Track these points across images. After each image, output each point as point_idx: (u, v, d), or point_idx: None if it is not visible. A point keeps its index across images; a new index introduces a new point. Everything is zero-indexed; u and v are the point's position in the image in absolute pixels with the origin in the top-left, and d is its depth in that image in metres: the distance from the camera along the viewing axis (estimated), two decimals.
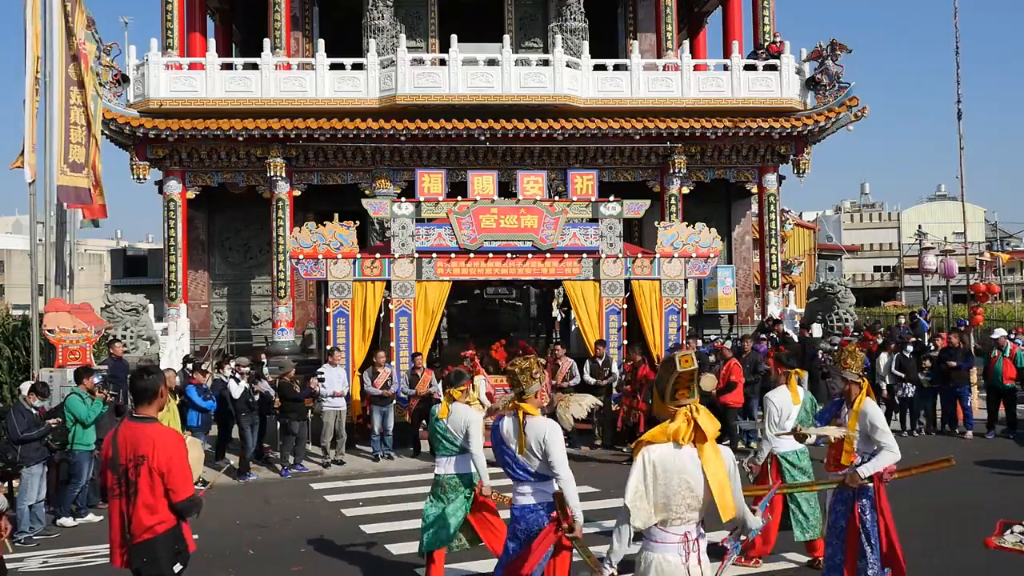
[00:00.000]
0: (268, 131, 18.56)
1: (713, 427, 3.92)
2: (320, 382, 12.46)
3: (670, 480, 3.84)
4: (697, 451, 3.87)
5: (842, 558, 5.89)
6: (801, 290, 30.80)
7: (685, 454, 3.87)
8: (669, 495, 3.84)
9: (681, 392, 3.92)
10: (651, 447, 3.91)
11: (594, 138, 19.43)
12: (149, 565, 4.47)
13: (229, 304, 21.55)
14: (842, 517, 5.90)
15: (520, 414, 5.04)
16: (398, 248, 13.82)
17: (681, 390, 3.92)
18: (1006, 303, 41.07)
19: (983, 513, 8.55)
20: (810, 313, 18.73)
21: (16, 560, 8.28)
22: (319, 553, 8.21)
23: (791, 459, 7.26)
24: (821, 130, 20.17)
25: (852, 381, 5.96)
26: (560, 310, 18.34)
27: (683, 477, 3.84)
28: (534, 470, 5.00)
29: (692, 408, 3.92)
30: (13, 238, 52.75)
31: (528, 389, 5.08)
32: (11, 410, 9.64)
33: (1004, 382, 14.02)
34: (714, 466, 3.85)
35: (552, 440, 4.90)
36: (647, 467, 3.88)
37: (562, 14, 20.66)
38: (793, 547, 7.53)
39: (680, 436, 3.88)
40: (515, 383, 5.12)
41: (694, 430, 3.89)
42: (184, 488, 4.48)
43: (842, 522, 5.90)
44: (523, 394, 5.09)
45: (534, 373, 5.07)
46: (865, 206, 72.96)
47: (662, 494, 3.85)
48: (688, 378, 3.90)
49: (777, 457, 7.25)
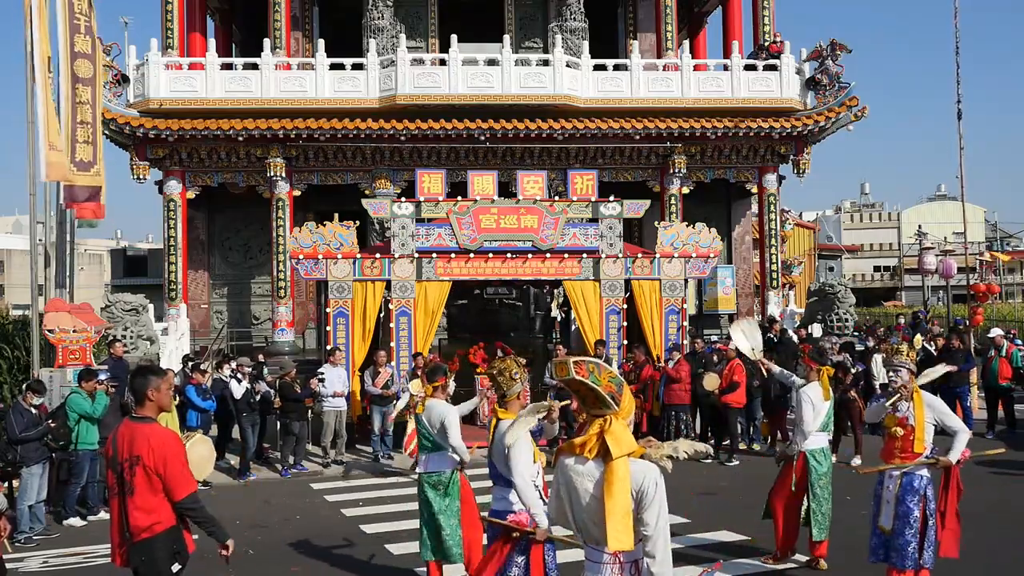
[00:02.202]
0: (268, 131, 18.55)
1: (624, 446, 3.47)
2: (320, 382, 12.46)
3: (578, 496, 3.52)
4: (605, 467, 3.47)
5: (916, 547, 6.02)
6: (801, 290, 30.82)
7: (591, 468, 3.50)
8: (583, 513, 3.52)
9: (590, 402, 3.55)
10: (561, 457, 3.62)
11: (594, 138, 19.42)
12: (147, 565, 4.47)
13: (229, 304, 21.54)
14: (916, 507, 6.06)
15: (495, 418, 5.06)
16: (398, 248, 13.82)
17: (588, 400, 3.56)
18: (1006, 303, 41.06)
19: (983, 513, 8.56)
20: (810, 313, 18.73)
21: (16, 560, 8.28)
22: (319, 553, 8.22)
23: (818, 456, 7.34)
24: (821, 130, 20.16)
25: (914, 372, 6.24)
26: (560, 310, 18.35)
27: (592, 492, 3.48)
28: (502, 473, 5.01)
29: (607, 420, 3.52)
30: (13, 238, 52.71)
31: (509, 391, 5.08)
32: (10, 410, 9.63)
33: (1000, 382, 14.05)
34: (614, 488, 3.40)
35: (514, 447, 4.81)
36: (558, 479, 3.64)
37: (562, 14, 20.65)
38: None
39: (585, 448, 3.52)
40: (495, 385, 5.13)
41: (600, 444, 3.49)
42: (181, 487, 4.45)
43: (916, 512, 6.05)
44: (504, 396, 5.08)
45: (513, 374, 5.06)
46: (865, 206, 72.95)
47: (576, 510, 3.55)
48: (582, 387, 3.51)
49: (804, 453, 7.31)
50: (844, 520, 7.95)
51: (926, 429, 6.09)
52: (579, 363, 3.51)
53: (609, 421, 3.52)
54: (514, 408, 5.06)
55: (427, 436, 6.44)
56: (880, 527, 6.22)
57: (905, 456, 6.12)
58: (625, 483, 3.42)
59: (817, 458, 7.31)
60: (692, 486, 10.44)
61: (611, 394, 3.51)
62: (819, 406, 7.29)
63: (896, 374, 6.21)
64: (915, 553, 6.01)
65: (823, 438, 7.39)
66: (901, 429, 6.13)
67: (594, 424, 3.54)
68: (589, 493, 3.49)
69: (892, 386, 6.28)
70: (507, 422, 4.95)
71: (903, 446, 6.13)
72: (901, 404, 6.17)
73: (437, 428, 6.32)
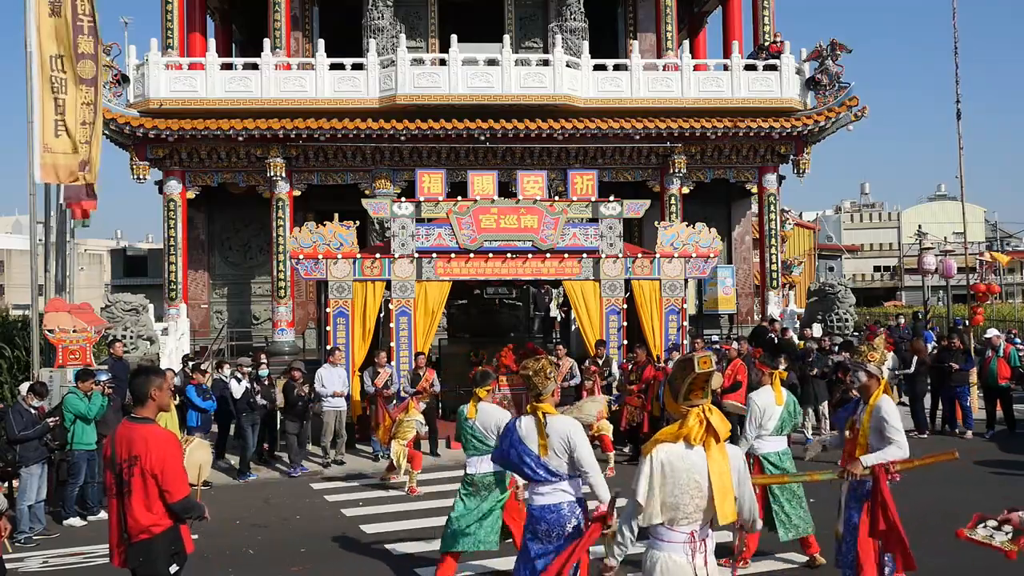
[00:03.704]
0: (268, 131, 18.55)
1: (725, 428, 3.94)
2: (312, 391, 12.57)
3: (679, 479, 3.86)
4: (706, 452, 3.89)
5: (855, 555, 5.88)
6: (801, 290, 30.80)
7: (696, 454, 3.89)
8: (678, 495, 3.86)
9: (695, 393, 3.94)
10: (660, 446, 3.94)
11: (594, 138, 19.41)
12: (145, 565, 4.47)
13: (229, 304, 21.54)
14: (856, 513, 5.88)
15: (540, 414, 5.06)
16: (398, 248, 13.81)
17: (696, 391, 3.94)
18: (1006, 303, 41.05)
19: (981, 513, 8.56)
20: (810, 313, 18.73)
21: (16, 560, 8.29)
22: (319, 553, 8.21)
23: (772, 460, 7.31)
24: (821, 130, 20.16)
25: (873, 375, 5.90)
26: (560, 310, 18.34)
27: (693, 477, 3.86)
28: (555, 469, 5.01)
29: (705, 409, 3.94)
30: (13, 238, 52.67)
31: (544, 390, 5.11)
32: (9, 410, 9.63)
33: (999, 382, 14.05)
34: (719, 468, 3.86)
35: (578, 439, 4.96)
36: (655, 466, 3.90)
37: (562, 14, 20.65)
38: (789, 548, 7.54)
39: (692, 436, 3.90)
40: (530, 385, 5.14)
41: (706, 431, 3.91)
42: (178, 489, 4.46)
43: (856, 519, 5.88)
44: (540, 395, 5.12)
45: (548, 373, 5.11)
46: (865, 206, 72.89)
47: (671, 493, 3.87)
48: (704, 379, 3.92)
49: (759, 458, 7.29)
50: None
51: (871, 434, 5.81)
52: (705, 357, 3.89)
53: (707, 409, 3.95)
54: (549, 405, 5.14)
55: (481, 439, 6.54)
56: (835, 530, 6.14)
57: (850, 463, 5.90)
58: (730, 465, 3.90)
59: (772, 461, 7.29)
60: None
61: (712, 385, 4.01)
62: (769, 410, 7.26)
63: (855, 375, 5.98)
64: (854, 562, 5.86)
65: (780, 441, 7.36)
66: (850, 432, 5.97)
67: (692, 415, 3.92)
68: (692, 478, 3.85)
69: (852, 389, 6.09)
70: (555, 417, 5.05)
71: (850, 449, 5.97)
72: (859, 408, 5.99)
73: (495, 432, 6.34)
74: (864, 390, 5.95)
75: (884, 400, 5.85)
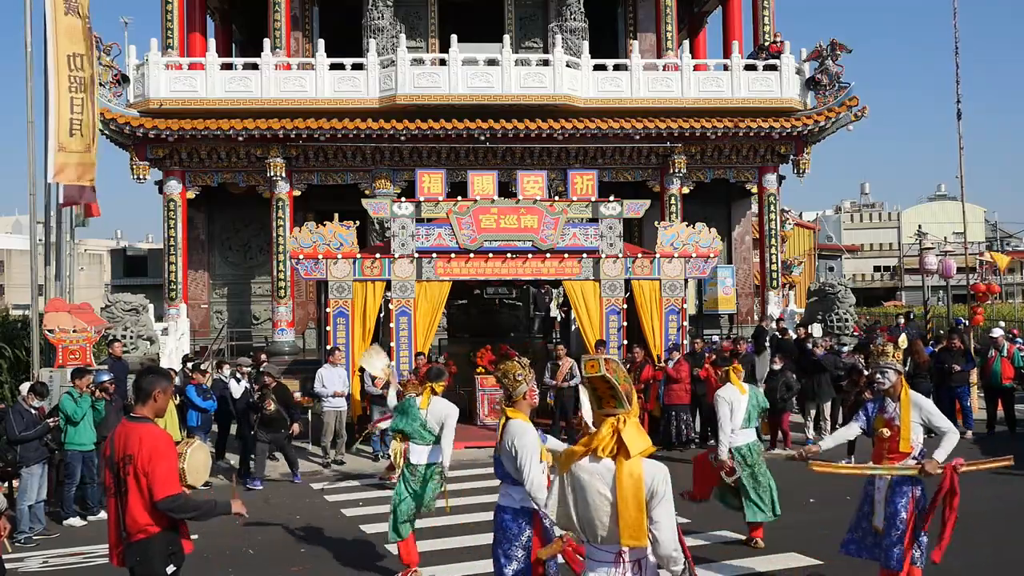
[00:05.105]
0: (268, 131, 18.55)
1: (640, 443, 3.54)
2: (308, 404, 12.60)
3: (587, 496, 3.56)
4: (616, 466, 3.52)
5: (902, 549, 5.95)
6: (801, 290, 30.80)
7: (603, 467, 3.55)
8: (590, 511, 3.57)
9: (607, 401, 3.60)
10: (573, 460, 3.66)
11: (594, 138, 19.41)
12: (142, 564, 4.45)
13: (229, 304, 21.54)
14: (904, 509, 5.98)
15: (503, 417, 5.12)
16: (398, 248, 13.81)
17: (606, 399, 3.60)
18: (1006, 303, 41.04)
19: (983, 513, 8.56)
20: (810, 313, 18.72)
21: (16, 560, 8.29)
22: (319, 553, 8.21)
23: (743, 452, 7.74)
24: (821, 130, 20.15)
25: (900, 373, 6.09)
26: (560, 310, 18.34)
27: (602, 492, 3.53)
28: (507, 471, 5.06)
29: (620, 419, 3.58)
30: (13, 238, 52.65)
31: (514, 392, 5.11)
32: (9, 410, 9.63)
33: (1003, 382, 14.02)
34: (626, 484, 3.46)
35: (521, 443, 4.89)
36: (565, 480, 3.65)
37: (562, 14, 20.64)
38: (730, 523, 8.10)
39: (600, 448, 3.56)
40: (502, 387, 5.20)
41: (616, 443, 3.54)
42: (163, 487, 4.34)
43: (904, 514, 5.96)
44: (510, 397, 5.13)
45: (516, 376, 5.09)
46: (865, 206, 72.91)
47: (583, 509, 3.58)
48: (604, 385, 3.58)
49: (731, 450, 7.70)
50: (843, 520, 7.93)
51: (912, 429, 5.98)
52: (608, 360, 3.60)
53: (622, 420, 3.58)
54: (522, 407, 5.10)
55: (429, 431, 6.96)
56: (874, 527, 6.20)
57: (892, 457, 6.03)
58: (640, 481, 3.48)
59: (743, 452, 7.72)
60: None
61: (627, 393, 3.60)
62: (737, 403, 7.70)
63: (883, 376, 6.09)
64: (901, 555, 5.95)
65: (748, 434, 7.81)
66: (888, 430, 6.04)
67: (605, 424, 3.59)
68: (599, 492, 3.54)
69: (879, 388, 6.18)
70: (516, 422, 5.00)
71: (890, 447, 6.05)
72: (888, 404, 6.10)
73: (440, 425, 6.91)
74: (892, 389, 6.11)
75: (915, 394, 6.11)
